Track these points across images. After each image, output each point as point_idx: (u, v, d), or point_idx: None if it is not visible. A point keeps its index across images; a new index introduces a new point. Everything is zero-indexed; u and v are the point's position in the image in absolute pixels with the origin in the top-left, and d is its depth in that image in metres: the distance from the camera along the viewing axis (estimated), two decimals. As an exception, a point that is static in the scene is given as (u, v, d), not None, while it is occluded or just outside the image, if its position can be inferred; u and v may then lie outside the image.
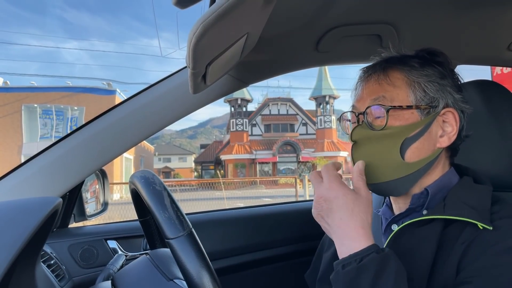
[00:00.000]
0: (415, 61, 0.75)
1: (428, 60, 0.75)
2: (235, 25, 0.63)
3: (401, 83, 0.73)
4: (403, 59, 0.76)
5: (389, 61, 0.77)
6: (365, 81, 0.78)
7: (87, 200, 1.30)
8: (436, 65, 0.75)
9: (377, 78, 0.75)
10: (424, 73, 0.73)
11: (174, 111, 1.07)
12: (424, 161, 0.72)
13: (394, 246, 0.72)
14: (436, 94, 0.72)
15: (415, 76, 0.73)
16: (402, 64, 0.75)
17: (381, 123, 0.72)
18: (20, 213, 0.60)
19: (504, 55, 1.35)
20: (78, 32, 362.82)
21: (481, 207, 0.67)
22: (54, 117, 19.09)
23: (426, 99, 0.72)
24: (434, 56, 0.76)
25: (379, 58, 0.80)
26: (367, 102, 0.75)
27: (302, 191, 13.39)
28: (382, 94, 0.73)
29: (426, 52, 0.77)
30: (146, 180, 0.68)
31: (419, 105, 0.72)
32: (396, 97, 0.72)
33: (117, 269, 0.89)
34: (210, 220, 1.40)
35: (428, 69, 0.74)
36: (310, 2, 0.90)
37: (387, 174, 0.72)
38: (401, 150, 0.71)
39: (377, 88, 0.74)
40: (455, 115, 0.73)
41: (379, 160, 0.73)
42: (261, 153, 29.97)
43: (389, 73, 0.75)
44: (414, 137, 0.71)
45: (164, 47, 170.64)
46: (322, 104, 30.44)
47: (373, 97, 0.74)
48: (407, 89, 0.73)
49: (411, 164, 0.71)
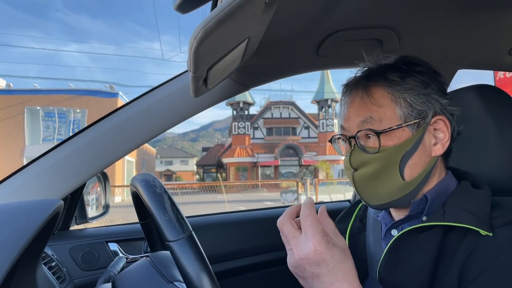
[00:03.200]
0: (396, 75, 0.72)
1: (408, 71, 0.73)
2: (236, 30, 0.63)
3: (386, 101, 0.71)
4: (383, 73, 0.74)
5: (369, 78, 0.75)
6: (349, 100, 0.76)
7: (88, 202, 1.30)
8: (417, 74, 0.73)
9: (361, 98, 0.73)
10: (407, 87, 0.71)
11: (176, 114, 1.07)
12: (422, 174, 0.71)
13: (394, 252, 0.72)
14: (423, 106, 0.71)
15: (399, 91, 0.71)
16: (383, 79, 0.73)
17: (375, 146, 0.70)
18: (21, 215, 0.60)
19: (505, 60, 1.35)
20: (79, 35, 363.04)
21: (481, 213, 0.66)
22: (57, 120, 19.14)
23: (414, 113, 0.71)
24: (413, 65, 0.74)
25: (360, 71, 0.79)
26: (355, 125, 0.73)
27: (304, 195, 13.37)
28: (369, 114, 0.71)
29: (403, 62, 0.75)
30: (146, 183, 0.69)
31: (408, 121, 0.70)
32: (384, 116, 0.71)
33: (118, 272, 0.90)
34: (211, 223, 1.40)
35: (409, 81, 0.72)
36: (311, 6, 0.90)
37: (390, 195, 0.72)
38: (399, 169, 0.70)
39: (363, 109, 0.73)
40: (445, 121, 0.72)
41: (380, 183, 0.72)
42: (263, 156, 29.96)
43: (372, 92, 0.72)
44: (409, 153, 0.70)
45: (165, 50, 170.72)
46: (324, 108, 30.41)
47: (361, 119, 0.72)
48: (394, 106, 0.71)
49: (411, 181, 0.71)
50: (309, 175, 28.40)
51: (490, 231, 0.63)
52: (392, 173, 0.71)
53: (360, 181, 0.74)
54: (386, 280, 0.72)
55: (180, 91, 1.06)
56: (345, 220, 0.95)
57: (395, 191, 0.71)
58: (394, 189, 0.71)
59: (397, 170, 0.70)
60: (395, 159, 0.70)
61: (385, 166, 0.71)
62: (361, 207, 0.94)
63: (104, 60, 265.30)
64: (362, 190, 0.75)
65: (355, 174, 0.74)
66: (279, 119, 33.42)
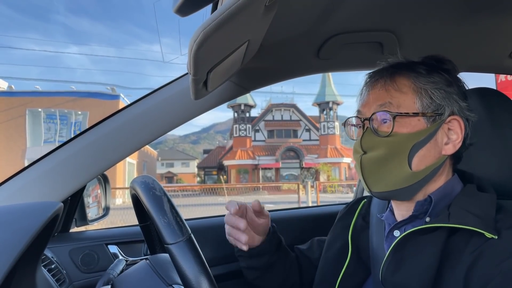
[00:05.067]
0: (422, 68, 0.74)
1: (435, 67, 0.75)
2: (236, 32, 0.63)
3: (408, 89, 0.73)
4: (410, 65, 0.76)
5: (396, 67, 0.77)
6: (371, 87, 0.77)
7: (88, 204, 1.30)
8: (443, 72, 0.75)
9: (384, 84, 0.75)
10: (431, 80, 0.73)
11: (176, 116, 1.07)
12: (429, 168, 0.71)
13: (397, 253, 0.72)
14: (442, 101, 0.72)
15: (422, 82, 0.73)
16: (409, 70, 0.75)
17: (387, 130, 0.71)
18: (21, 217, 0.60)
19: (506, 63, 1.35)
20: (79, 37, 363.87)
21: (486, 216, 0.66)
22: (58, 122, 19.17)
23: (433, 106, 0.72)
24: (441, 63, 0.76)
25: (385, 63, 0.80)
26: (373, 108, 0.75)
27: (304, 197, 13.35)
28: (388, 100, 0.73)
29: (434, 59, 0.77)
30: (146, 185, 0.68)
31: (425, 112, 0.71)
32: (403, 103, 0.72)
33: (117, 274, 0.89)
34: (210, 225, 1.40)
35: (435, 76, 0.73)
36: (311, 9, 0.91)
37: (394, 183, 0.72)
38: (408, 158, 0.70)
39: (383, 94, 0.74)
40: (461, 123, 0.73)
41: (386, 169, 0.72)
42: (264, 159, 29.96)
43: (396, 79, 0.74)
44: (420, 144, 0.71)
45: (165, 52, 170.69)
46: (325, 110, 30.43)
47: (379, 103, 0.74)
48: (414, 96, 0.72)
49: (417, 173, 0.71)
50: (310, 178, 28.37)
51: (495, 233, 0.63)
52: (400, 161, 0.71)
53: (367, 165, 0.74)
54: (389, 281, 0.72)
55: (180, 93, 1.06)
56: (347, 217, 0.95)
57: (400, 180, 0.71)
58: (399, 177, 0.71)
59: (405, 158, 0.70)
60: (405, 146, 0.70)
61: (394, 152, 0.71)
62: (363, 205, 0.94)
63: (104, 62, 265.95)
64: (368, 175, 0.75)
65: (363, 157, 0.75)
66: (280, 122, 33.46)
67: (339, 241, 0.90)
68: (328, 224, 1.05)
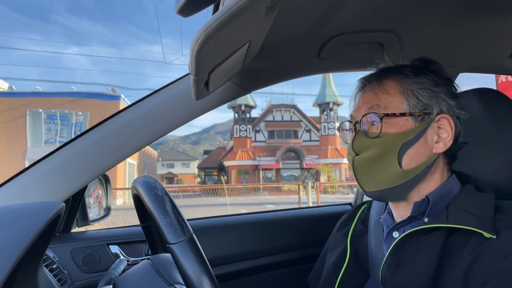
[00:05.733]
0: (409, 70, 0.76)
1: (422, 68, 0.77)
2: (238, 33, 0.64)
3: (395, 91, 0.75)
4: (397, 68, 0.78)
5: (384, 71, 0.79)
6: (361, 91, 0.80)
7: (90, 205, 1.30)
8: (430, 73, 0.76)
9: (372, 88, 0.77)
10: (417, 81, 0.75)
11: (177, 117, 1.07)
12: (420, 167, 0.72)
13: (396, 254, 0.72)
14: (429, 100, 0.74)
15: (408, 83, 0.75)
16: (396, 73, 0.77)
17: (376, 131, 0.73)
18: (23, 218, 0.61)
19: (506, 64, 1.35)
20: (79, 38, 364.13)
21: (485, 216, 0.67)
22: (59, 122, 19.18)
23: (420, 105, 0.73)
24: (428, 64, 0.78)
25: (376, 68, 0.82)
26: (362, 111, 0.77)
27: (305, 198, 13.34)
28: (376, 102, 0.75)
29: (420, 61, 0.79)
30: (148, 185, 0.69)
31: (413, 112, 0.73)
32: (390, 105, 0.74)
33: (119, 274, 0.89)
34: (212, 226, 1.40)
35: (421, 77, 0.75)
36: (313, 10, 0.91)
37: (386, 182, 0.73)
38: (398, 157, 0.72)
39: (371, 97, 0.77)
40: (450, 121, 0.74)
41: (377, 168, 0.74)
42: (264, 159, 29.94)
43: (383, 82, 0.77)
44: (409, 143, 0.72)
45: (166, 53, 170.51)
46: (326, 111, 30.41)
47: (368, 106, 0.76)
48: (401, 97, 0.74)
49: (408, 171, 0.72)
50: (311, 178, 28.36)
51: (494, 233, 0.63)
52: (390, 160, 0.72)
53: (359, 166, 0.76)
54: (388, 282, 0.72)
55: (181, 94, 1.07)
56: (347, 224, 0.96)
57: (391, 178, 0.73)
58: (390, 176, 0.73)
59: (395, 157, 0.72)
60: (394, 146, 0.72)
61: (384, 152, 0.73)
62: (363, 210, 0.95)
63: (105, 62, 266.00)
64: (360, 175, 0.77)
65: (355, 158, 0.77)
66: (280, 122, 33.43)
67: (339, 248, 0.92)
68: (329, 224, 1.05)
